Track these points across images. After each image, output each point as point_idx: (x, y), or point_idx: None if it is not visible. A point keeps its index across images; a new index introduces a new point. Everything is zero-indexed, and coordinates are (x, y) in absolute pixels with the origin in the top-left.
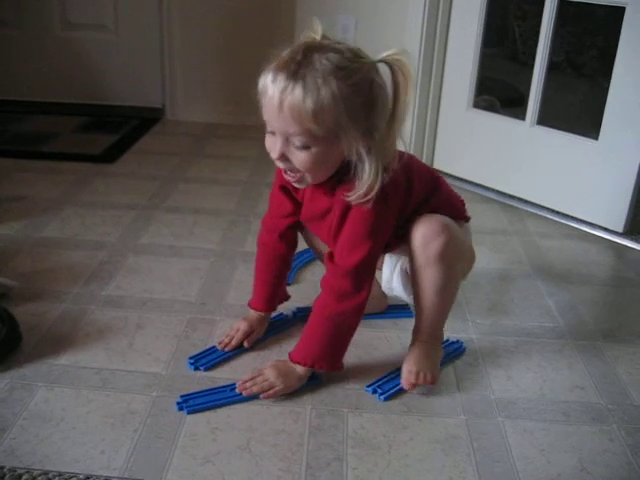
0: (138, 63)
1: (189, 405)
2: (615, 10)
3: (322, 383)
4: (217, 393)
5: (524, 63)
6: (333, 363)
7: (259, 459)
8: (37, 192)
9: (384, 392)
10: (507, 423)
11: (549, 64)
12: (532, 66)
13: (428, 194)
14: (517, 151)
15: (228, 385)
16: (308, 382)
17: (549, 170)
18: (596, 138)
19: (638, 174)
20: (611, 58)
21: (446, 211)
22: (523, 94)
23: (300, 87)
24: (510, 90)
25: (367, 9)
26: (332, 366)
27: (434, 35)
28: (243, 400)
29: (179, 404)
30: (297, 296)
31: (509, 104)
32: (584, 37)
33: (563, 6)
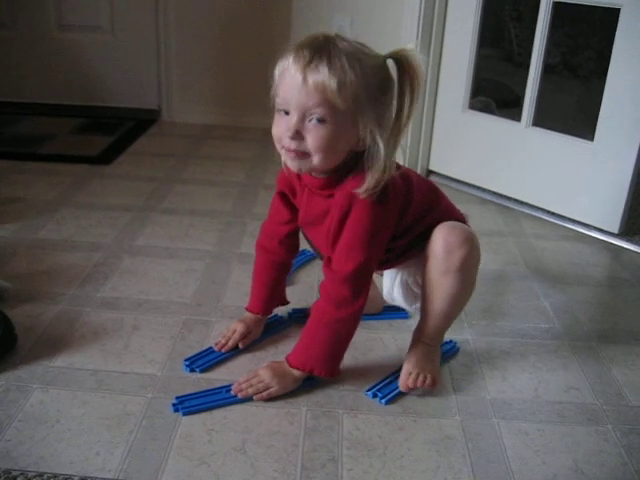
0: (134, 64)
1: (185, 406)
2: (610, 11)
3: (317, 384)
4: (213, 394)
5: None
6: (332, 369)
7: (254, 460)
8: (33, 194)
9: (384, 396)
10: (502, 424)
11: (544, 65)
12: (528, 67)
13: (428, 206)
14: (513, 152)
15: (224, 386)
16: (303, 383)
17: (545, 171)
18: (591, 139)
19: (633, 175)
20: (606, 59)
21: None
22: (519, 95)
23: (325, 60)
24: (506, 91)
25: (363, 9)
26: (331, 372)
27: (430, 36)
28: (239, 401)
29: (174, 405)
30: (293, 297)
31: (505, 105)
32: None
33: (558, 7)
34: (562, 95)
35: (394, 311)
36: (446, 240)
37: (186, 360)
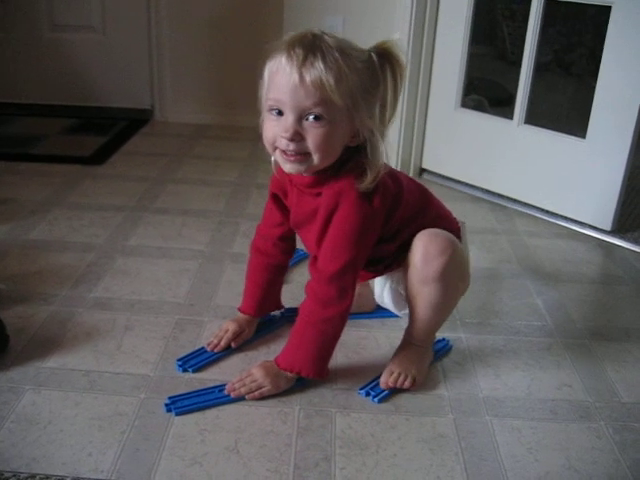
0: (127, 64)
1: (177, 407)
2: (601, 9)
3: (310, 383)
4: (205, 394)
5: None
6: (320, 370)
7: (247, 460)
8: (25, 194)
9: (377, 394)
10: (495, 422)
11: (536, 63)
12: (521, 65)
13: (418, 209)
14: (505, 150)
15: (216, 386)
16: (296, 382)
17: (537, 169)
18: (584, 137)
19: (625, 172)
20: (598, 57)
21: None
22: (512, 93)
23: (320, 57)
24: (499, 89)
25: (354, 9)
26: (319, 373)
27: (422, 35)
28: (231, 401)
29: (167, 406)
30: (285, 296)
31: (498, 103)
32: (572, 36)
33: (550, 6)
34: (554, 93)
35: (387, 310)
36: (425, 249)
37: (179, 360)
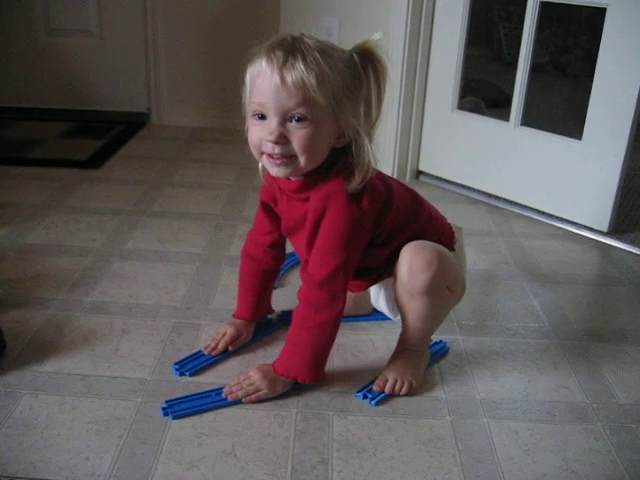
0: (123, 68)
1: (174, 410)
2: (596, 11)
3: (307, 386)
4: (202, 398)
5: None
6: (316, 375)
7: (244, 463)
8: (22, 198)
9: (374, 397)
10: (492, 423)
11: (532, 65)
12: (517, 67)
13: (410, 214)
14: (502, 152)
15: (213, 390)
16: (293, 385)
17: (534, 171)
18: (580, 138)
19: (622, 173)
20: (594, 59)
21: (432, 237)
22: (509, 95)
23: (300, 58)
24: (496, 91)
25: (351, 11)
26: (315, 378)
27: (418, 37)
28: (228, 404)
29: (164, 409)
30: (283, 300)
31: (495, 105)
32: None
33: (545, 7)
34: (550, 94)
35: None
36: (410, 263)
37: (176, 364)
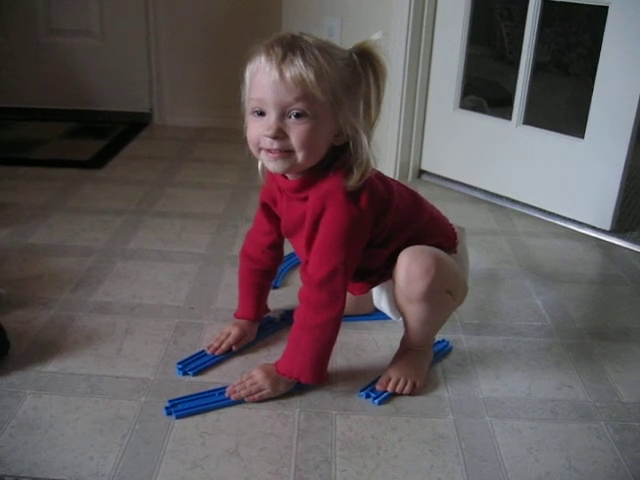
0: (125, 68)
1: (177, 410)
2: (599, 9)
3: (310, 385)
4: (205, 397)
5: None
6: (318, 376)
7: (248, 463)
8: (25, 199)
9: (377, 396)
10: (495, 422)
11: (534, 64)
12: (519, 66)
13: (410, 215)
14: (504, 151)
15: (216, 389)
16: (296, 385)
17: (536, 169)
18: (582, 137)
19: (624, 172)
20: (596, 57)
21: (433, 238)
22: (511, 94)
23: (299, 54)
24: (498, 90)
25: (352, 10)
26: (317, 378)
27: (420, 36)
28: (232, 404)
29: (167, 409)
30: (285, 299)
31: (497, 104)
32: (570, 37)
33: (547, 6)
34: (552, 93)
35: None
36: (407, 269)
37: (179, 363)
